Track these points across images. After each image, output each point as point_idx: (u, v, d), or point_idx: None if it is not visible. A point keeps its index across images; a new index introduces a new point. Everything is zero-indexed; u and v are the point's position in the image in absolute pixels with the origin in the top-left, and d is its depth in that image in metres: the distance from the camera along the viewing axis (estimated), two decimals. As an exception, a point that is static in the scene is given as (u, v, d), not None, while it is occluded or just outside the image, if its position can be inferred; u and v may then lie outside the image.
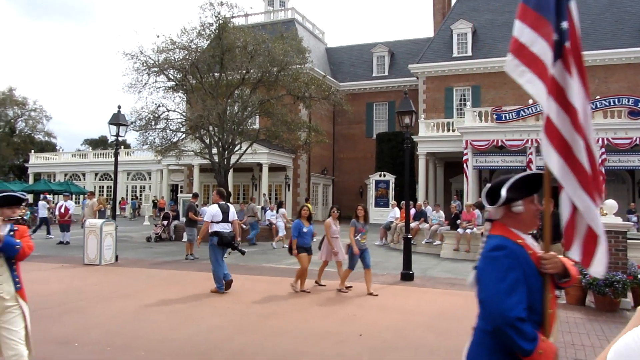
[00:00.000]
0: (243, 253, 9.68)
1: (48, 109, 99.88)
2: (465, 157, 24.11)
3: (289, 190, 35.43)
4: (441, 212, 18.06)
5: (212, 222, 9.40)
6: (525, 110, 22.74)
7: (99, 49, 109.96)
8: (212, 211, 9.53)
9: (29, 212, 28.81)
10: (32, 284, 10.01)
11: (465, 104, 30.04)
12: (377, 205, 30.57)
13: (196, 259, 14.14)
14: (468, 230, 15.38)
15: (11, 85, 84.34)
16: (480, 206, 19.19)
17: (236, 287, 10.15)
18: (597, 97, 22.38)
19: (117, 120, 13.79)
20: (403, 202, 17.62)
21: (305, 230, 9.52)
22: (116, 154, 14.28)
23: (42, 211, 21.47)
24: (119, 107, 14.04)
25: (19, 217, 4.17)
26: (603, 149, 21.06)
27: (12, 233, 4.02)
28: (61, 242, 18.15)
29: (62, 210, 18.56)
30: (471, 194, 23.50)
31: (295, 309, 8.15)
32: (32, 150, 48.44)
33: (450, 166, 31.50)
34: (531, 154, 22.38)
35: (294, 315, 7.70)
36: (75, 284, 10.17)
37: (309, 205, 9.54)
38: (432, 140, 27.57)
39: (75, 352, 5.71)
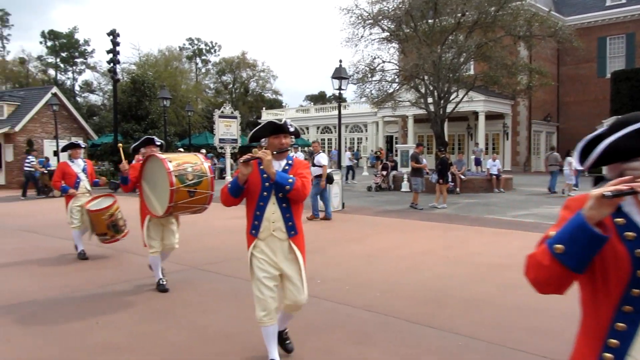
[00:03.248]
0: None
1: (274, 69, 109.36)
2: None
3: (507, 139, 33.61)
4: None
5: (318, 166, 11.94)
6: None
7: (310, 9, 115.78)
8: (326, 159, 12.40)
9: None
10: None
11: None
12: (612, 153, 27.21)
13: (421, 209, 14.27)
14: None
15: (243, 49, 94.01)
16: None
17: (459, 237, 10.10)
18: None
19: (339, 74, 14.48)
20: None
21: None
22: (339, 106, 15.07)
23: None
24: (340, 61, 14.75)
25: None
26: None
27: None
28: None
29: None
30: None
31: (527, 261, 7.78)
32: (263, 108, 53.75)
33: None
34: None
35: (525, 268, 7.37)
36: (311, 228, 11.16)
37: None
38: (686, 75, 23.35)
39: (319, 287, 6.28)
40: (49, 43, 63.63)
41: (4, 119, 27.01)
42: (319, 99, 71.77)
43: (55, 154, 24.48)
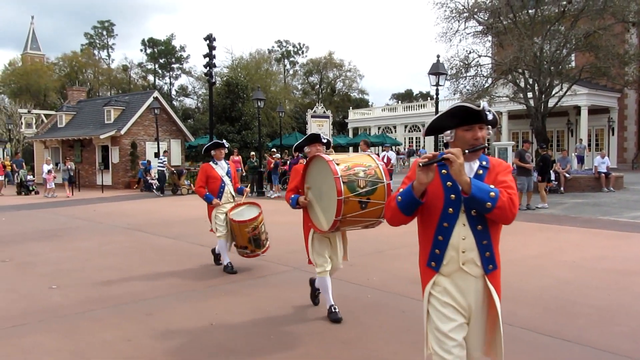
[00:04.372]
0: None
1: (360, 68, 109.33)
2: None
3: (612, 134, 31.34)
4: None
5: None
6: None
7: (395, 6, 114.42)
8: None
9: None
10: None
11: None
12: None
13: (536, 208, 13.45)
14: None
15: (330, 49, 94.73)
16: None
17: (573, 240, 9.39)
18: None
19: (437, 69, 14.04)
20: None
21: None
22: (437, 101, 14.65)
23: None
24: (438, 56, 14.27)
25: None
26: None
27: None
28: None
29: (385, 160, 20.09)
30: None
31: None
32: (350, 107, 53.73)
33: None
34: None
35: (660, 275, 6.67)
36: (411, 229, 10.84)
37: None
38: None
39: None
40: (149, 50, 67.49)
41: (110, 123, 28.80)
42: (405, 97, 70.78)
43: (156, 155, 25.63)
